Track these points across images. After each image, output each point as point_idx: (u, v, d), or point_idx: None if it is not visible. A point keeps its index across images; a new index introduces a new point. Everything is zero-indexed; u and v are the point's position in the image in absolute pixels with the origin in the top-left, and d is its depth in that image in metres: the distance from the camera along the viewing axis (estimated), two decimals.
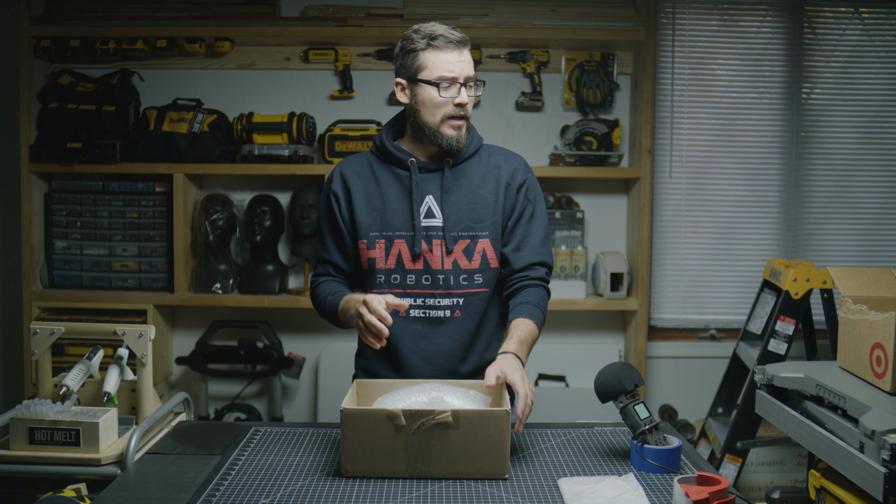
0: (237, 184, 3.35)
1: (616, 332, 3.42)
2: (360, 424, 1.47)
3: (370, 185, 1.87)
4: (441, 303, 1.84)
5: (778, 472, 3.03)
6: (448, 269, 1.83)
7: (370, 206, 1.86)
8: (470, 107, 1.82)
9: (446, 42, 1.77)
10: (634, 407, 1.58)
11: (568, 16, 3.23)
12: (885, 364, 1.55)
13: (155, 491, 1.45)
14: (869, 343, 1.62)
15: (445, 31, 1.78)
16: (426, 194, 1.84)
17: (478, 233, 1.84)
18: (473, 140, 1.90)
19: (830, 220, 3.49)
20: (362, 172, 1.89)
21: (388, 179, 1.87)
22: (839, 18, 3.46)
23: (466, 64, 1.79)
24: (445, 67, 1.77)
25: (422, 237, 1.82)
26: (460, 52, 1.78)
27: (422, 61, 1.79)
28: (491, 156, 1.91)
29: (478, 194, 1.85)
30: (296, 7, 3.27)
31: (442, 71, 1.77)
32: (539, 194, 1.92)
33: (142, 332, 1.78)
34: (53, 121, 3.10)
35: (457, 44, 1.77)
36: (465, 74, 1.78)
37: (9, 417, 1.66)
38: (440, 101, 1.78)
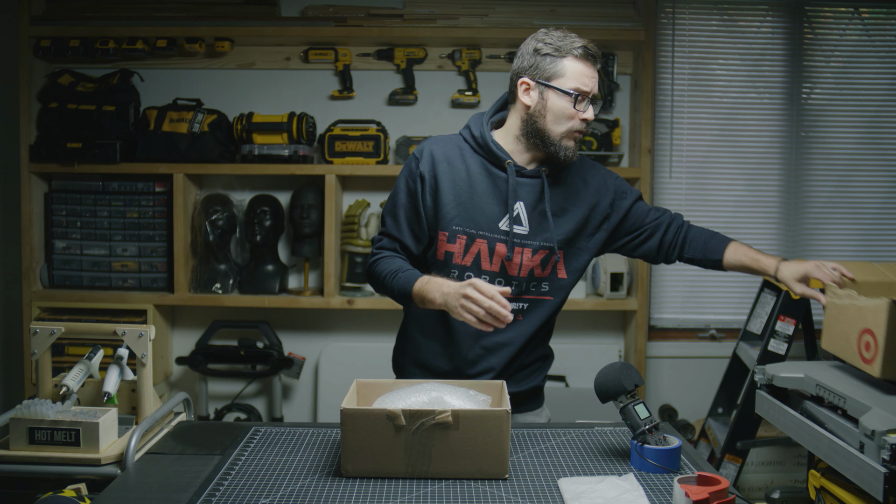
0: (237, 184, 3.35)
1: (616, 332, 3.42)
2: (360, 424, 1.47)
3: (460, 176, 1.81)
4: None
5: (778, 472, 3.03)
6: (523, 277, 1.83)
7: (457, 197, 1.80)
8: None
9: (587, 55, 1.74)
10: (634, 407, 1.58)
11: (568, 16, 3.23)
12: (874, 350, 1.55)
13: (155, 491, 1.45)
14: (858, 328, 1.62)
15: (588, 44, 1.76)
16: (518, 200, 1.80)
17: (555, 244, 1.82)
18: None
19: (830, 220, 3.49)
20: (453, 160, 1.82)
21: (479, 174, 1.81)
22: (839, 18, 3.46)
23: (596, 80, 1.78)
24: (584, 80, 1.74)
25: (501, 241, 1.80)
26: (594, 67, 1.76)
27: (560, 68, 1.74)
28: (580, 170, 1.89)
29: (568, 209, 1.84)
30: (296, 7, 3.27)
31: (579, 83, 1.74)
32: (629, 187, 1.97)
33: (142, 332, 1.78)
34: (53, 121, 3.10)
35: (595, 58, 1.76)
36: (595, 91, 1.78)
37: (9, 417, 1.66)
38: (570, 112, 1.75)
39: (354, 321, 3.37)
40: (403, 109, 3.34)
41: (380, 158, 3.16)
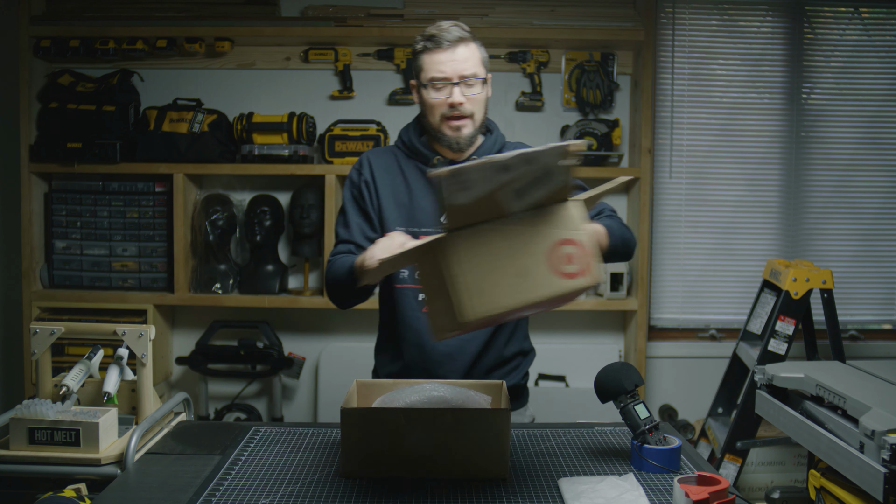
0: (237, 184, 3.35)
1: (616, 332, 3.42)
2: (360, 424, 1.47)
3: (397, 180, 1.87)
4: None
5: (778, 472, 3.03)
6: None
7: (397, 200, 1.86)
8: (471, 106, 1.79)
9: (438, 43, 1.76)
10: (634, 407, 1.58)
11: (568, 16, 3.23)
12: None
13: (155, 491, 1.45)
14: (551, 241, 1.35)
15: (439, 31, 1.76)
16: None
17: None
18: (498, 139, 1.89)
19: (830, 220, 3.49)
20: (389, 166, 1.89)
21: (414, 175, 1.87)
22: (839, 18, 3.46)
23: (461, 62, 1.76)
24: (437, 68, 1.76)
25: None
26: (453, 50, 1.76)
27: (420, 63, 1.80)
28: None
29: None
30: (296, 7, 3.27)
31: (434, 72, 1.77)
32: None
33: (142, 332, 1.78)
34: (53, 121, 3.10)
35: (450, 42, 1.75)
36: (459, 73, 1.76)
37: (9, 417, 1.66)
38: (434, 102, 1.79)
39: (354, 321, 3.37)
40: (403, 109, 3.34)
41: None
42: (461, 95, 1.77)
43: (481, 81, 1.80)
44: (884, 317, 3.54)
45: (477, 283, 1.27)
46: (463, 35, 1.78)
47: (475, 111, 1.81)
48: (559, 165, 1.27)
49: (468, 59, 1.78)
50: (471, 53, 1.79)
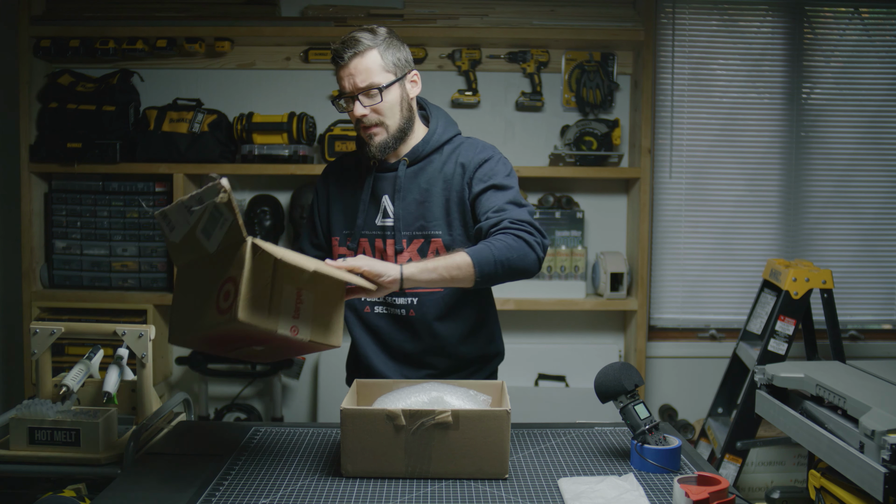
0: (237, 184, 3.35)
1: (616, 332, 3.42)
2: (360, 424, 1.47)
3: (348, 184, 1.92)
4: (397, 301, 1.85)
5: (778, 472, 3.03)
6: (422, 260, 1.80)
7: (343, 203, 1.91)
8: (376, 115, 1.77)
9: (336, 60, 1.77)
10: (634, 407, 1.58)
11: (568, 16, 3.23)
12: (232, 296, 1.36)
13: (155, 491, 1.45)
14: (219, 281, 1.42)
15: (339, 46, 1.76)
16: (383, 194, 1.85)
17: (431, 231, 1.82)
18: (434, 136, 1.85)
19: (830, 220, 3.49)
20: (346, 171, 1.94)
21: (359, 179, 1.90)
22: (839, 18, 3.46)
23: (355, 76, 1.74)
24: (340, 84, 1.78)
25: (377, 237, 1.85)
26: (348, 65, 1.75)
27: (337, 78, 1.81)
28: (455, 151, 1.85)
29: (430, 192, 1.82)
30: (296, 7, 3.27)
31: (340, 87, 1.79)
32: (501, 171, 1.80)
33: (142, 332, 1.78)
34: (53, 121, 3.10)
35: (345, 59, 1.74)
36: (355, 86, 1.75)
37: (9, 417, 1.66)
38: (349, 114, 1.80)
39: None
40: None
41: None
42: (361, 108, 1.76)
43: (379, 90, 1.75)
44: (884, 317, 3.54)
45: (179, 313, 1.48)
46: (356, 46, 1.74)
47: (384, 118, 1.78)
48: (222, 203, 1.37)
49: (363, 70, 1.74)
50: (367, 64, 1.75)
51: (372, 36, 1.76)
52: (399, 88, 1.80)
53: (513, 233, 1.68)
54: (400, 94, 1.80)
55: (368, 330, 1.91)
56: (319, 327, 1.49)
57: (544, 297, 3.20)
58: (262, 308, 1.38)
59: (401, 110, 1.81)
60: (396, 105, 1.79)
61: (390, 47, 1.78)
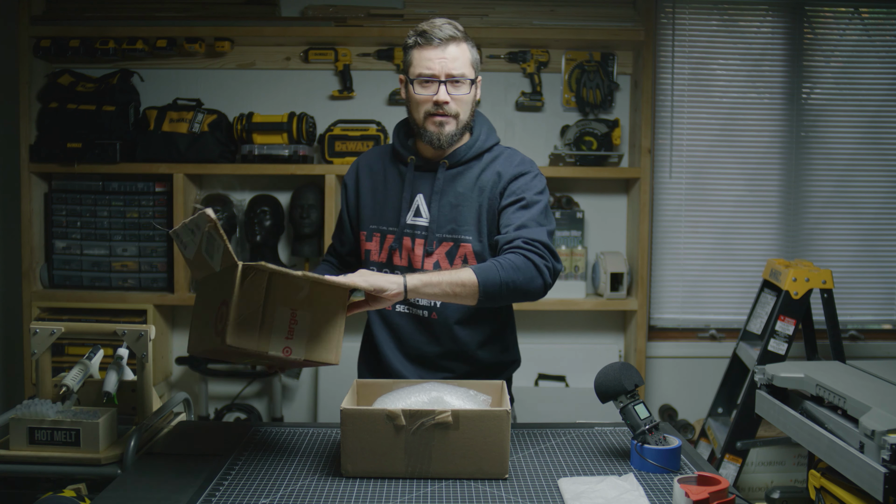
0: (237, 184, 3.35)
1: (616, 332, 3.42)
2: (360, 424, 1.47)
3: (378, 179, 1.90)
4: (420, 302, 1.85)
5: (778, 472, 3.03)
6: (428, 270, 1.81)
7: (374, 199, 1.89)
8: (456, 106, 1.77)
9: (428, 39, 1.74)
10: (634, 407, 1.58)
11: (568, 16, 3.23)
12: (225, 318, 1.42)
13: (155, 491, 1.45)
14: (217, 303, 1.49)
15: (431, 28, 1.75)
16: (417, 193, 1.84)
17: (461, 236, 1.81)
18: (477, 142, 1.84)
19: (830, 220, 3.49)
20: (374, 166, 1.92)
21: (392, 175, 1.89)
22: (839, 18, 3.46)
23: (450, 61, 1.74)
24: (425, 65, 1.75)
25: (406, 235, 1.83)
26: (444, 48, 1.74)
27: (409, 58, 1.79)
28: (494, 160, 1.85)
29: (468, 197, 1.81)
30: (296, 7, 3.27)
31: (421, 68, 1.75)
32: (534, 188, 1.80)
33: (142, 332, 1.78)
34: (53, 121, 3.10)
35: (441, 40, 1.74)
36: (446, 72, 1.74)
37: (9, 417, 1.66)
38: (418, 98, 1.78)
39: (354, 321, 3.36)
40: (403, 109, 3.30)
41: None
42: (446, 94, 1.75)
43: (469, 82, 1.78)
44: (884, 317, 3.54)
45: (195, 326, 1.56)
46: (454, 34, 1.76)
47: (460, 111, 1.78)
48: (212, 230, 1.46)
49: (458, 58, 1.76)
50: (461, 53, 1.76)
51: (464, 33, 1.78)
52: (475, 88, 1.82)
53: (524, 254, 1.67)
54: (474, 94, 1.82)
55: (389, 328, 1.91)
56: (315, 346, 1.52)
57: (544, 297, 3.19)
58: (251, 330, 1.43)
59: (471, 109, 1.82)
60: (471, 102, 1.81)
61: (473, 46, 1.81)
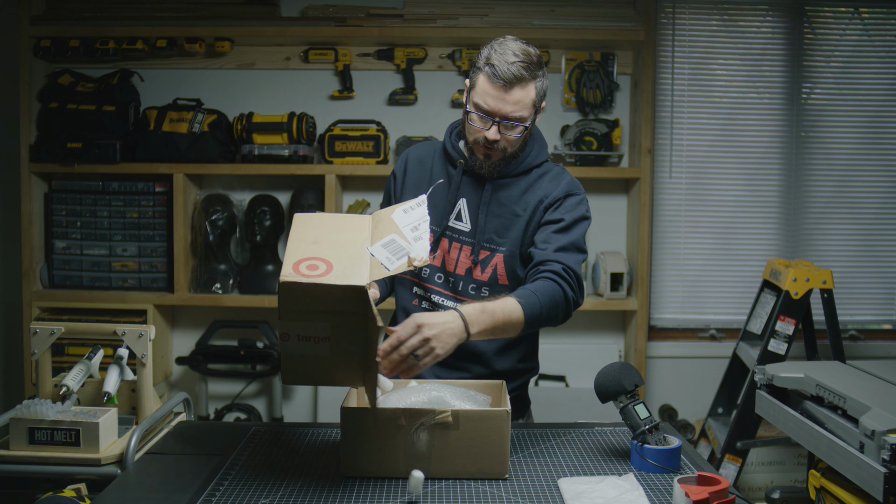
0: (237, 184, 3.35)
1: (616, 332, 3.42)
2: (360, 424, 1.47)
3: (424, 175, 1.89)
4: (445, 303, 1.84)
5: (778, 472, 3.03)
6: (460, 275, 1.82)
7: (417, 194, 1.84)
8: (504, 143, 1.74)
9: (493, 75, 1.68)
10: (634, 407, 1.58)
11: (568, 16, 3.24)
12: None
13: (155, 491, 1.45)
14: None
15: (500, 62, 1.68)
16: (462, 197, 1.83)
17: (497, 247, 1.81)
18: (528, 158, 1.83)
19: (830, 220, 3.49)
20: (424, 160, 1.91)
21: (440, 173, 1.88)
22: (839, 18, 3.46)
23: (510, 104, 1.69)
24: (484, 99, 1.71)
25: (445, 236, 1.83)
26: (507, 90, 1.68)
27: (475, 78, 1.74)
28: (544, 176, 1.84)
29: (511, 210, 1.81)
30: (296, 7, 3.27)
31: (479, 100, 1.71)
32: (577, 212, 1.80)
33: (142, 332, 1.78)
34: (53, 121, 3.10)
35: (506, 82, 1.67)
36: (504, 114, 1.70)
37: (9, 417, 1.66)
38: (471, 126, 1.75)
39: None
40: (403, 109, 3.34)
41: (380, 158, 3.16)
42: (497, 133, 1.72)
43: (524, 127, 1.73)
44: (884, 317, 3.54)
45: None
46: (521, 75, 1.68)
47: (508, 147, 1.76)
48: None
49: (519, 101, 1.70)
50: (523, 95, 1.70)
51: (535, 67, 1.71)
52: (531, 125, 1.78)
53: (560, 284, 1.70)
54: (531, 128, 1.79)
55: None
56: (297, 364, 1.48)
57: None
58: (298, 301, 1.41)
59: (523, 143, 1.80)
60: (520, 141, 1.78)
61: (544, 80, 1.75)
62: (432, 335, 1.50)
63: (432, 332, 1.50)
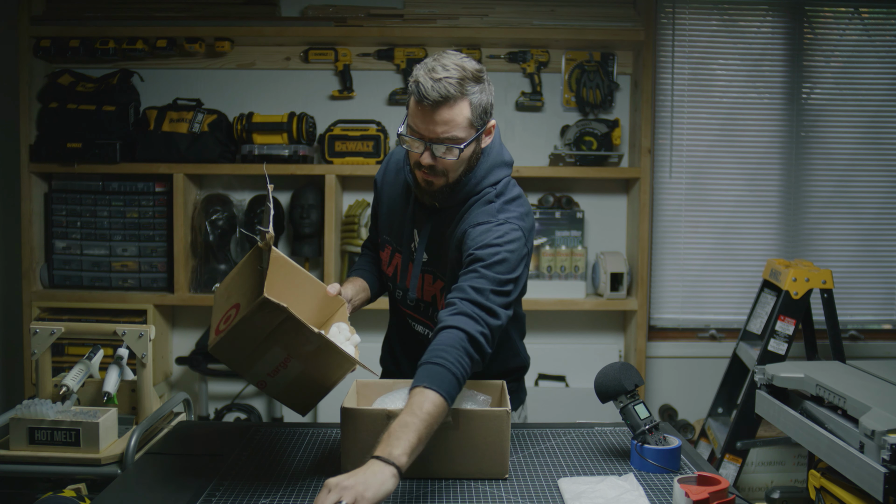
0: (237, 184, 3.35)
1: (616, 332, 3.42)
2: (360, 424, 1.47)
3: (397, 188, 1.78)
4: (416, 327, 1.83)
5: (778, 472, 3.03)
6: (429, 302, 1.76)
7: (391, 207, 1.79)
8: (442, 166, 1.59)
9: (419, 94, 1.53)
10: (634, 407, 1.58)
11: (568, 16, 3.24)
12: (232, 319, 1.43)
13: (155, 491, 1.45)
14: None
15: (427, 79, 1.52)
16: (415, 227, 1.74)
17: (440, 275, 1.72)
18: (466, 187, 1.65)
19: (830, 220, 3.49)
20: (396, 177, 1.79)
21: (403, 192, 1.77)
22: (839, 18, 3.46)
23: (439, 125, 1.53)
24: (413, 121, 1.57)
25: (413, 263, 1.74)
26: (434, 111, 1.52)
27: (409, 99, 1.59)
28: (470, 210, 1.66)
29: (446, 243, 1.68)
30: (296, 7, 3.27)
31: (411, 122, 1.58)
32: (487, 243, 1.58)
33: (142, 332, 1.78)
34: (53, 121, 3.10)
35: (432, 102, 1.51)
36: (434, 135, 1.54)
37: (9, 417, 1.66)
38: (411, 153, 1.62)
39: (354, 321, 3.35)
40: (403, 109, 3.32)
41: (380, 158, 3.17)
42: (430, 157, 1.57)
43: (458, 149, 1.56)
44: (884, 317, 3.54)
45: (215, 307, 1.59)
46: (448, 93, 1.51)
47: (448, 171, 1.60)
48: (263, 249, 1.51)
49: (448, 121, 1.54)
50: (453, 114, 1.54)
51: (469, 82, 1.54)
52: (475, 144, 1.62)
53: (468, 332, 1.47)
54: (473, 149, 1.62)
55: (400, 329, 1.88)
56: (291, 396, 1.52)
57: (544, 296, 3.20)
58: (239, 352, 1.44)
59: (468, 163, 1.63)
60: (466, 160, 1.62)
61: (482, 96, 1.58)
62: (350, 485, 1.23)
63: (349, 483, 1.23)
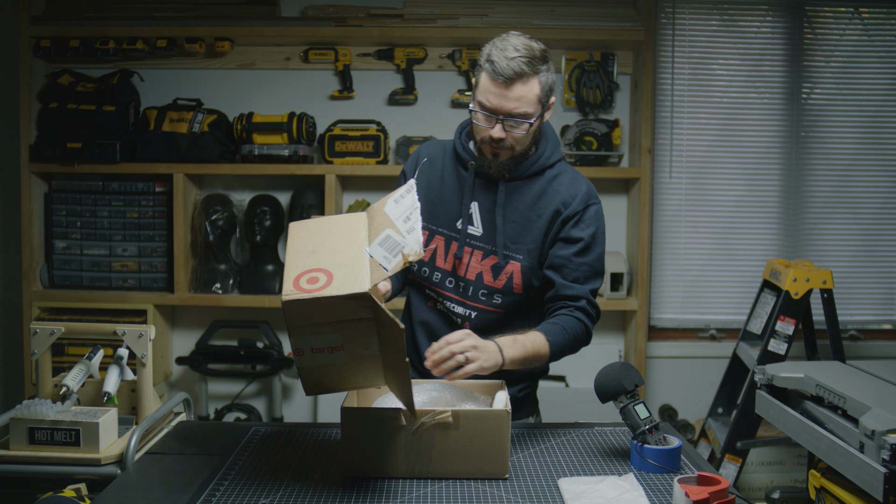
0: (237, 184, 3.35)
1: (616, 332, 3.42)
2: (360, 424, 1.47)
3: (435, 175, 1.84)
4: (455, 309, 1.82)
5: (778, 472, 3.03)
6: (471, 280, 1.79)
7: (428, 195, 1.82)
8: (511, 141, 1.71)
9: (494, 71, 1.65)
10: (634, 407, 1.58)
11: (568, 16, 3.24)
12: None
13: (155, 491, 1.45)
14: None
15: (500, 58, 1.64)
16: (475, 200, 1.79)
17: (512, 254, 1.77)
18: (541, 159, 1.79)
19: (830, 220, 3.49)
20: (435, 160, 1.86)
21: (450, 174, 1.83)
22: (839, 18, 3.46)
23: (512, 101, 1.65)
24: (486, 97, 1.67)
25: (454, 239, 1.79)
26: (508, 87, 1.64)
27: (478, 77, 1.71)
28: (557, 178, 1.80)
29: (525, 215, 1.78)
30: (296, 7, 3.27)
31: (482, 98, 1.68)
32: (594, 227, 1.80)
33: (142, 332, 1.78)
34: (53, 121, 3.10)
35: (507, 78, 1.63)
36: (506, 111, 1.66)
37: (9, 417, 1.66)
38: (479, 126, 1.72)
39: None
40: (403, 109, 3.34)
41: (380, 158, 3.16)
42: (502, 131, 1.69)
43: (529, 124, 1.68)
44: (884, 317, 3.54)
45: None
46: (522, 70, 1.64)
47: (516, 145, 1.72)
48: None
49: (522, 97, 1.66)
50: (526, 91, 1.66)
51: (538, 62, 1.66)
52: (540, 119, 1.74)
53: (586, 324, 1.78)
54: (539, 124, 1.74)
55: (423, 326, 1.87)
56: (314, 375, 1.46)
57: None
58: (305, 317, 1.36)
59: (532, 140, 1.76)
60: (528, 137, 1.73)
61: (549, 74, 1.70)
62: (480, 345, 1.57)
63: (479, 343, 1.57)
